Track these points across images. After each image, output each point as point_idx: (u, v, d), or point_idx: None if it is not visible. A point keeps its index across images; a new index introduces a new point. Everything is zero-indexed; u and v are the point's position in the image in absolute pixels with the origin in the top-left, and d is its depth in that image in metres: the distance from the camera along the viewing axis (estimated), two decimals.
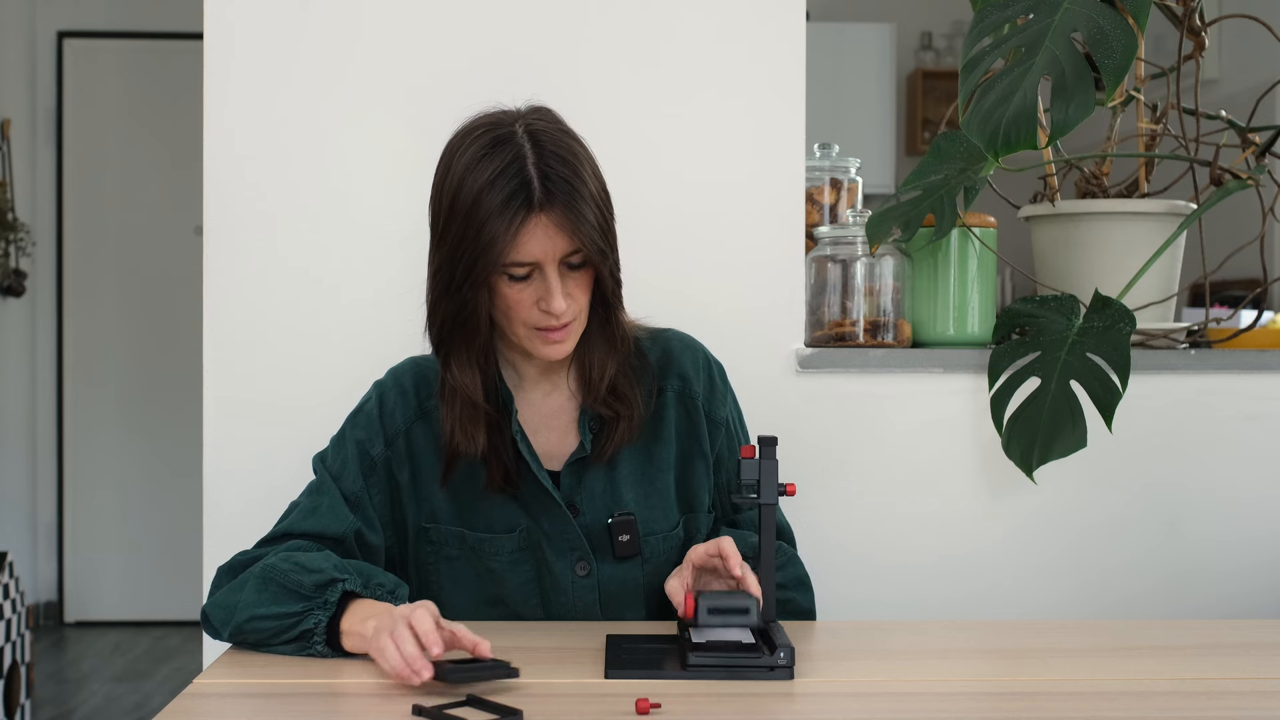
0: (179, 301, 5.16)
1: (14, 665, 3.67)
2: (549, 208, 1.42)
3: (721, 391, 1.64)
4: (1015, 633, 1.62)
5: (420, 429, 1.57)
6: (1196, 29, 1.97)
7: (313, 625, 1.37)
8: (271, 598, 1.40)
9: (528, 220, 1.41)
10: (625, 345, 1.56)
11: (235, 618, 1.41)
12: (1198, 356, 1.96)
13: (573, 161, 1.44)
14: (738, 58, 1.92)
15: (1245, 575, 1.98)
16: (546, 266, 1.44)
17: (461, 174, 1.44)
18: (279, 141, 1.89)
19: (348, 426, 1.59)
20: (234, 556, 1.51)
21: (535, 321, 1.47)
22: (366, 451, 1.55)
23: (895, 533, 1.95)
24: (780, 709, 1.24)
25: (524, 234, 1.42)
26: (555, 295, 1.44)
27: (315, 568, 1.41)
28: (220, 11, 1.88)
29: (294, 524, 1.52)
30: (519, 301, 1.46)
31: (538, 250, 1.43)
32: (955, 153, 1.89)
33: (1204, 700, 1.27)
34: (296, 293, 1.90)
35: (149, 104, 5.27)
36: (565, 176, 1.42)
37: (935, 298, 1.96)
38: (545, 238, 1.42)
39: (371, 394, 1.60)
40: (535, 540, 1.56)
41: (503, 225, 1.40)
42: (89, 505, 5.28)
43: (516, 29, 1.90)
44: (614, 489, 1.57)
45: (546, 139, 1.44)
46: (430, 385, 1.58)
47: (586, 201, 1.43)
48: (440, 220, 1.47)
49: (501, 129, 1.45)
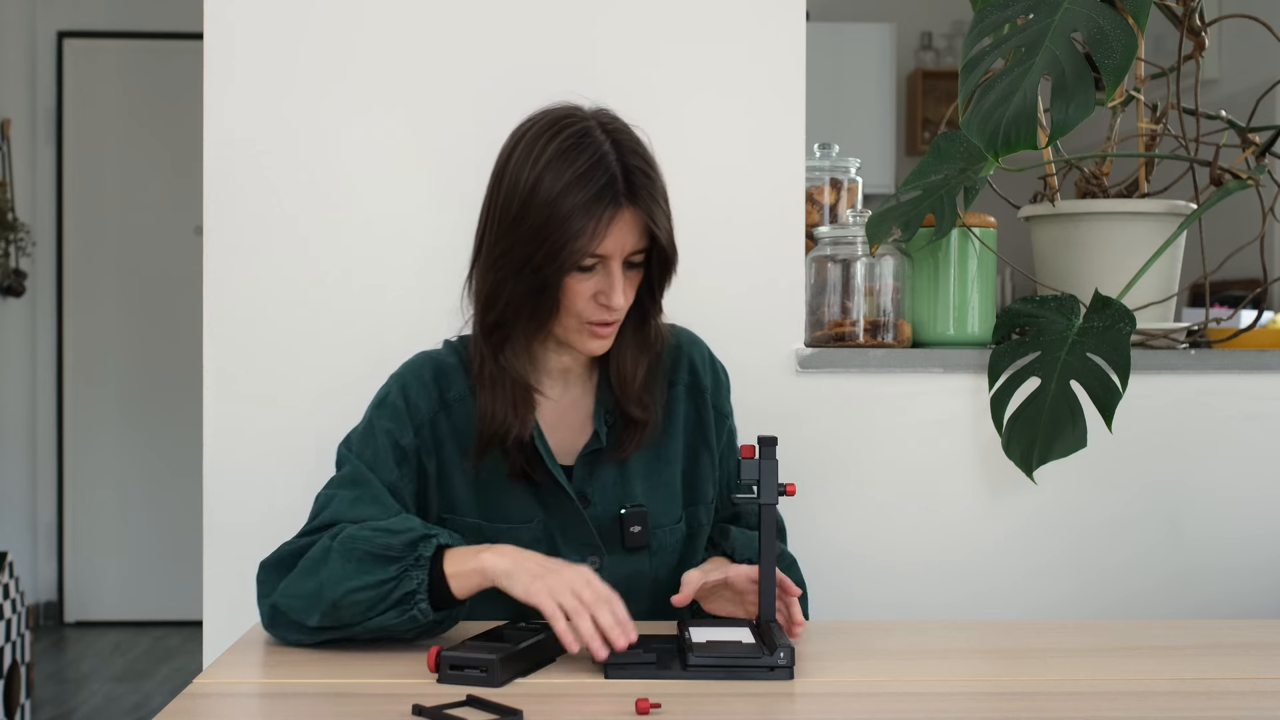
0: (179, 301, 5.16)
1: (14, 665, 3.67)
2: (633, 203, 1.46)
3: (726, 386, 1.69)
4: (1015, 633, 1.62)
5: (442, 420, 1.57)
6: (1196, 29, 1.97)
7: (415, 585, 1.35)
8: (361, 568, 1.36)
9: (617, 214, 1.45)
10: (659, 345, 1.60)
11: (326, 597, 1.37)
12: (1198, 356, 1.96)
13: (649, 158, 1.49)
14: (738, 57, 1.92)
15: (1245, 575, 1.98)
16: (613, 261, 1.48)
17: (544, 166, 1.46)
18: (279, 141, 1.89)
19: (374, 418, 1.57)
20: (278, 549, 1.47)
21: (589, 315, 1.50)
22: (397, 441, 1.55)
23: (895, 533, 1.95)
24: (780, 709, 1.24)
25: (611, 227, 1.45)
26: (617, 290, 1.48)
27: (401, 528, 1.39)
28: (220, 11, 1.88)
29: (340, 512, 1.48)
30: (579, 293, 1.49)
31: (613, 244, 1.46)
32: (955, 153, 1.89)
33: (1204, 700, 1.27)
34: (297, 292, 1.90)
35: (149, 104, 5.27)
36: (645, 172, 1.47)
37: (935, 298, 1.96)
38: (624, 233, 1.47)
39: (393, 385, 1.60)
40: (550, 533, 1.58)
41: (591, 219, 1.44)
42: (89, 505, 5.28)
43: (516, 28, 1.90)
44: (624, 481, 1.59)
45: (623, 136, 1.49)
46: (448, 377, 1.58)
47: (661, 200, 1.49)
48: (512, 208, 1.47)
49: (577, 124, 1.49)
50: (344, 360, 1.89)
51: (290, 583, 1.41)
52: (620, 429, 1.59)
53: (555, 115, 1.51)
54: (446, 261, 1.90)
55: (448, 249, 1.90)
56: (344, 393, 1.89)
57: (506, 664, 1.27)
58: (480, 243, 1.54)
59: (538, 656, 1.34)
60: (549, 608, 1.31)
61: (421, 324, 1.87)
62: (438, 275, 1.89)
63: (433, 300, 1.89)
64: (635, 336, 1.58)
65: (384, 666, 1.35)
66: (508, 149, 1.52)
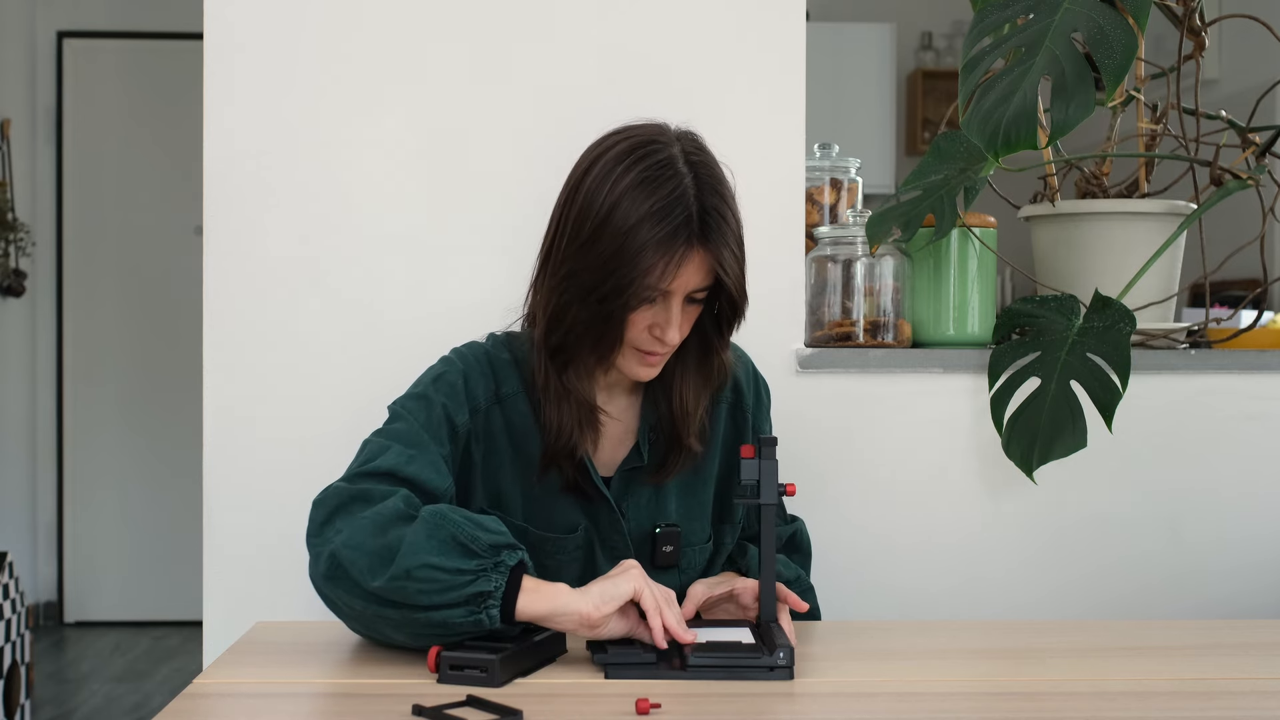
0: (179, 301, 5.16)
1: (14, 665, 3.67)
2: (705, 245, 1.43)
3: (767, 404, 1.68)
4: (1015, 633, 1.62)
5: (496, 413, 1.55)
6: (1196, 29, 1.97)
7: (491, 588, 1.29)
8: (444, 548, 1.30)
9: (689, 254, 1.42)
10: (722, 379, 1.59)
11: (401, 563, 1.29)
12: (1198, 356, 1.96)
13: (728, 197, 1.46)
14: (738, 57, 1.92)
15: (1245, 575, 1.98)
16: (675, 297, 1.45)
17: (621, 193, 1.42)
18: (279, 141, 1.89)
19: (430, 390, 1.52)
20: (331, 487, 1.41)
21: (642, 344, 1.49)
22: (450, 418, 1.51)
23: (895, 533, 1.95)
24: (780, 709, 1.24)
25: (682, 268, 1.43)
26: (673, 326, 1.46)
27: (493, 529, 1.34)
28: (220, 11, 1.88)
29: (398, 465, 1.42)
30: (634, 323, 1.47)
31: (679, 283, 1.44)
32: (955, 153, 1.89)
33: (1204, 700, 1.27)
34: (296, 292, 1.90)
35: (149, 104, 5.27)
36: (721, 213, 1.44)
37: (935, 298, 1.96)
38: (691, 273, 1.44)
39: (454, 363, 1.55)
40: (590, 542, 1.58)
41: (663, 258, 1.41)
42: (89, 505, 5.28)
43: (515, 29, 1.90)
44: (660, 499, 1.59)
45: (704, 171, 1.45)
46: (502, 372, 1.56)
47: (733, 243, 1.45)
48: (586, 230, 1.43)
49: (661, 152, 1.44)
50: (344, 360, 1.89)
51: (358, 533, 1.33)
52: (665, 451, 1.57)
53: (640, 139, 1.46)
54: (446, 261, 1.90)
55: (448, 249, 1.90)
56: (344, 392, 1.89)
57: (506, 664, 1.27)
58: (547, 257, 1.50)
59: (538, 656, 1.34)
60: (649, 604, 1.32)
61: (421, 323, 1.87)
62: (438, 275, 1.89)
63: (433, 300, 1.89)
64: (699, 369, 1.56)
65: (384, 666, 1.35)
66: (585, 164, 1.47)
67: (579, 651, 1.39)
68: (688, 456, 1.57)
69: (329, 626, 1.50)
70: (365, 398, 1.87)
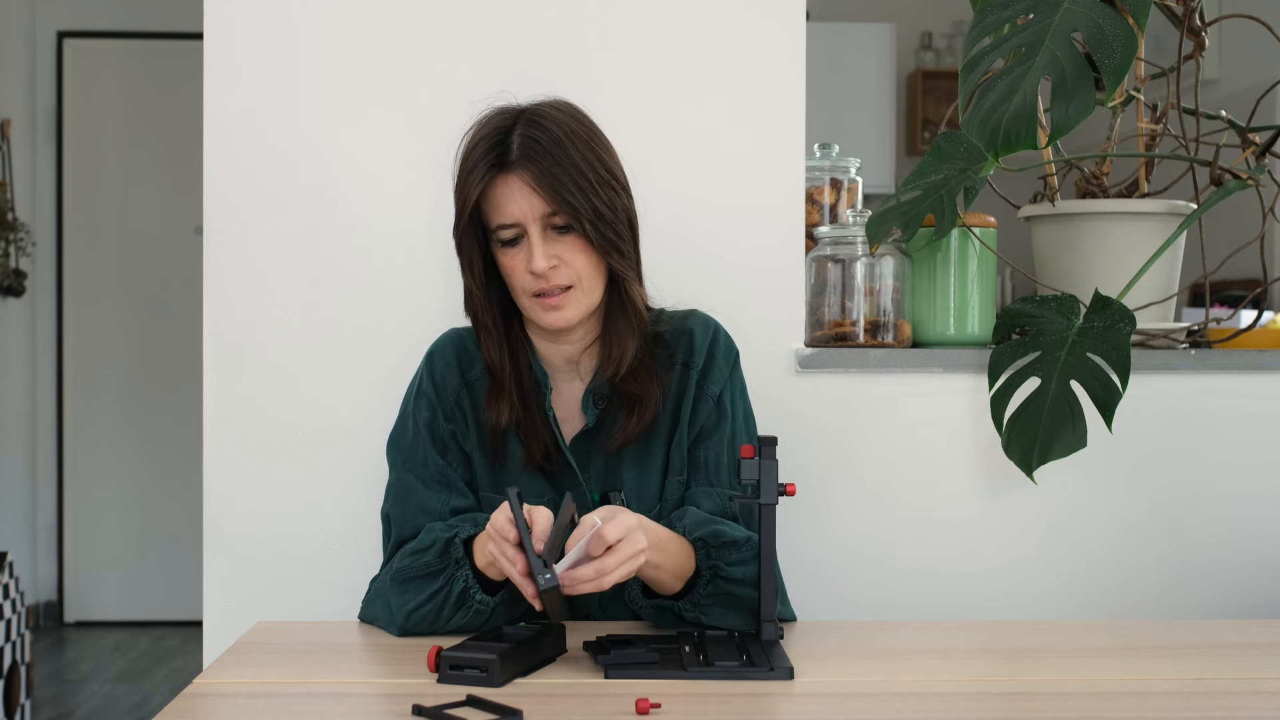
0: (179, 301, 5.16)
1: (14, 665, 3.67)
2: (522, 167, 1.49)
3: (724, 369, 1.63)
4: (1015, 633, 1.62)
5: (465, 397, 1.62)
6: (1196, 29, 1.97)
7: (464, 584, 1.46)
8: (413, 590, 1.49)
9: (497, 178, 1.50)
10: (641, 322, 1.59)
11: (397, 621, 1.50)
12: (1198, 356, 1.96)
13: (558, 133, 1.51)
14: (738, 58, 1.92)
15: (1245, 575, 1.98)
16: (529, 227, 1.51)
17: (460, 151, 1.54)
18: (279, 141, 1.89)
19: (412, 411, 1.62)
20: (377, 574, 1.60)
21: (530, 287, 1.53)
22: (435, 431, 1.60)
23: (895, 533, 1.95)
24: (780, 709, 1.24)
25: (494, 192, 1.51)
26: (535, 254, 1.51)
27: (427, 544, 1.50)
28: (220, 11, 1.88)
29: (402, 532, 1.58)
30: (514, 268, 1.53)
31: (515, 210, 1.50)
32: (955, 153, 1.89)
33: (1204, 700, 1.27)
34: (296, 292, 1.90)
35: (149, 104, 5.27)
36: (544, 142, 1.50)
37: (935, 298, 1.96)
38: (521, 198, 1.50)
39: (422, 370, 1.65)
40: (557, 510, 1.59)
41: (474, 182, 1.50)
42: (89, 506, 5.28)
43: (515, 31, 1.90)
44: (613, 467, 1.61)
45: (541, 116, 1.53)
46: (470, 354, 1.63)
47: (568, 165, 1.50)
48: None
49: (499, 112, 1.55)
50: (344, 360, 1.89)
51: (371, 608, 1.56)
52: (615, 410, 1.59)
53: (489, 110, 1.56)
54: (446, 261, 1.90)
55: (447, 249, 1.90)
56: (344, 392, 1.89)
57: (506, 664, 1.27)
58: None
59: (538, 656, 1.34)
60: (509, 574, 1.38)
61: (421, 323, 1.87)
62: (437, 274, 1.88)
63: (432, 299, 1.89)
64: (621, 315, 1.59)
65: (384, 666, 1.35)
66: None
67: (579, 651, 1.40)
68: (638, 407, 1.57)
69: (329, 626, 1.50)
70: (365, 398, 1.87)
